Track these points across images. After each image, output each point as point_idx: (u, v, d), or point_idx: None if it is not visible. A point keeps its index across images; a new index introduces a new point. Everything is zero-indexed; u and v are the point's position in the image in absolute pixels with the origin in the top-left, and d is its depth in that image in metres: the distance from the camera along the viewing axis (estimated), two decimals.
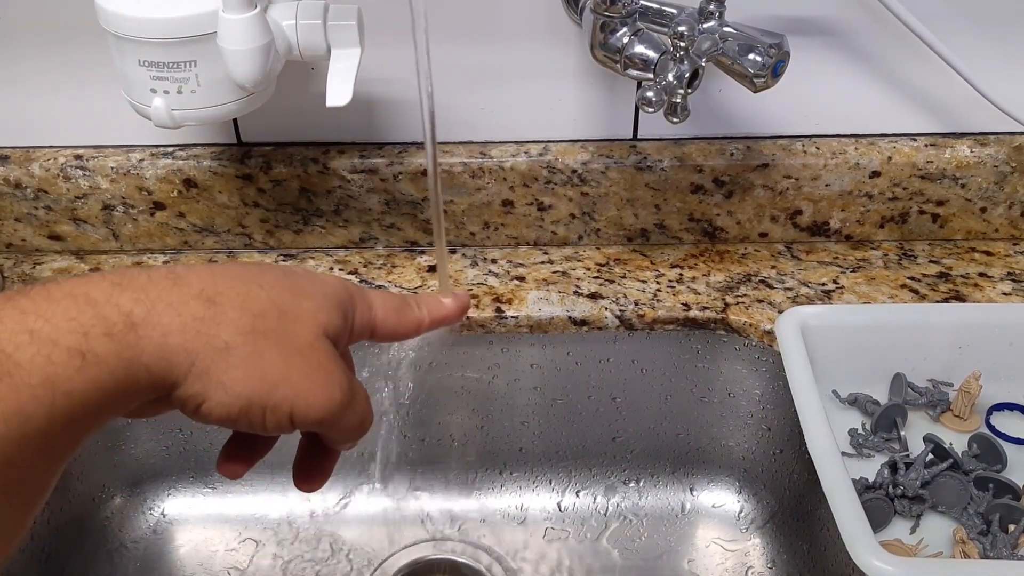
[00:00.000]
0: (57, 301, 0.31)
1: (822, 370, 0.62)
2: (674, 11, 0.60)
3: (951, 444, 0.59)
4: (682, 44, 0.57)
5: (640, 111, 0.72)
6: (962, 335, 0.64)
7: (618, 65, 0.62)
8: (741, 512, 0.77)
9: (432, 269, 0.75)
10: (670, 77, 0.59)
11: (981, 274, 0.73)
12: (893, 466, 0.58)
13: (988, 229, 0.76)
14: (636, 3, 0.60)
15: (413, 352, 0.68)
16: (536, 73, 0.70)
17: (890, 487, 0.57)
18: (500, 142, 0.74)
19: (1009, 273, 0.74)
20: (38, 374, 0.30)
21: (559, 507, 0.79)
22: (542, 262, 0.76)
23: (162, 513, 0.79)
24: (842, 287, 0.72)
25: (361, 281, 0.74)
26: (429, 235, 0.77)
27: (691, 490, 0.79)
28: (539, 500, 0.80)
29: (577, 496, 0.80)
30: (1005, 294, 0.71)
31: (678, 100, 0.60)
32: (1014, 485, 0.57)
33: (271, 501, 0.80)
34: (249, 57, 0.56)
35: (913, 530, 0.56)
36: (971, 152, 0.72)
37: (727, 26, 0.59)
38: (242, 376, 0.34)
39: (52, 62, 0.70)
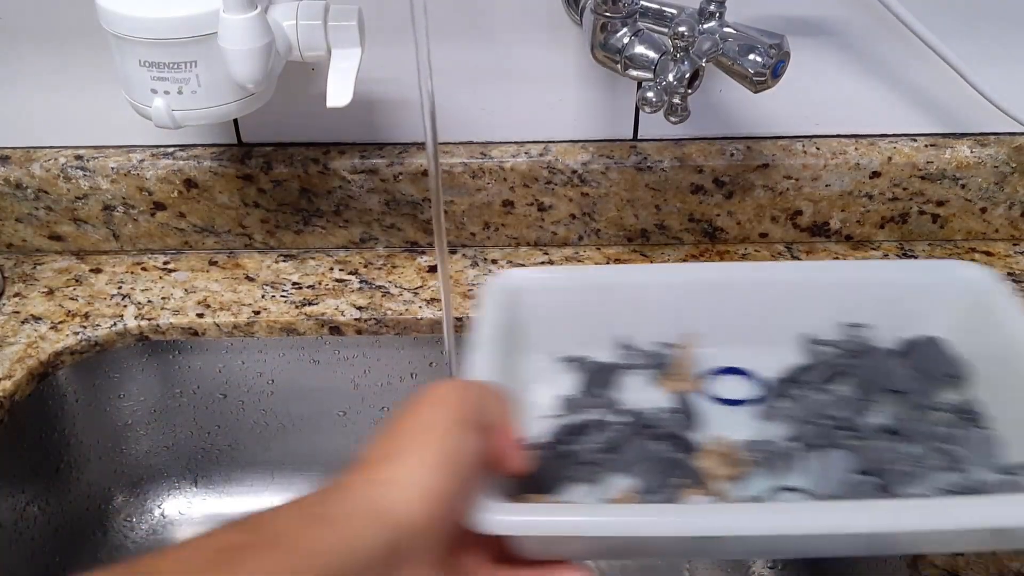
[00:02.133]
0: None
1: (540, 333, 0.61)
2: (674, 11, 0.61)
3: (658, 407, 0.57)
4: (682, 44, 0.57)
5: (640, 111, 0.72)
6: (684, 298, 0.63)
7: (618, 65, 0.62)
8: None
9: (432, 269, 0.75)
10: (670, 77, 0.59)
11: None
12: (583, 427, 0.56)
13: (988, 229, 0.76)
14: (636, 3, 0.60)
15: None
16: (536, 73, 0.70)
17: (572, 448, 0.55)
18: (500, 142, 0.74)
19: (1009, 273, 0.74)
20: None
21: None
22: (542, 262, 0.76)
23: (162, 513, 0.79)
24: None
25: (361, 281, 0.74)
26: (429, 235, 0.77)
27: None
28: None
29: None
30: None
31: (678, 100, 0.60)
32: (693, 444, 0.55)
33: (271, 502, 0.79)
34: (250, 57, 0.56)
35: (593, 491, 0.54)
36: (971, 152, 0.72)
37: (727, 26, 0.59)
38: None
39: (52, 62, 0.70)
